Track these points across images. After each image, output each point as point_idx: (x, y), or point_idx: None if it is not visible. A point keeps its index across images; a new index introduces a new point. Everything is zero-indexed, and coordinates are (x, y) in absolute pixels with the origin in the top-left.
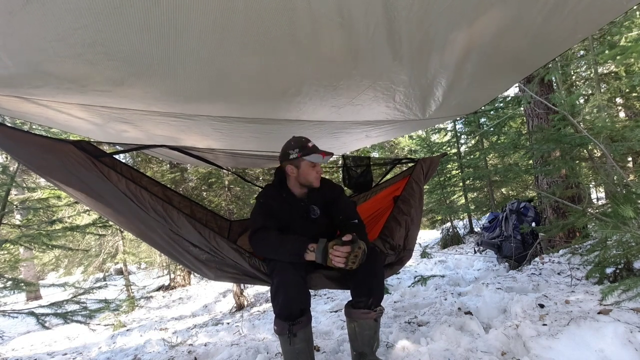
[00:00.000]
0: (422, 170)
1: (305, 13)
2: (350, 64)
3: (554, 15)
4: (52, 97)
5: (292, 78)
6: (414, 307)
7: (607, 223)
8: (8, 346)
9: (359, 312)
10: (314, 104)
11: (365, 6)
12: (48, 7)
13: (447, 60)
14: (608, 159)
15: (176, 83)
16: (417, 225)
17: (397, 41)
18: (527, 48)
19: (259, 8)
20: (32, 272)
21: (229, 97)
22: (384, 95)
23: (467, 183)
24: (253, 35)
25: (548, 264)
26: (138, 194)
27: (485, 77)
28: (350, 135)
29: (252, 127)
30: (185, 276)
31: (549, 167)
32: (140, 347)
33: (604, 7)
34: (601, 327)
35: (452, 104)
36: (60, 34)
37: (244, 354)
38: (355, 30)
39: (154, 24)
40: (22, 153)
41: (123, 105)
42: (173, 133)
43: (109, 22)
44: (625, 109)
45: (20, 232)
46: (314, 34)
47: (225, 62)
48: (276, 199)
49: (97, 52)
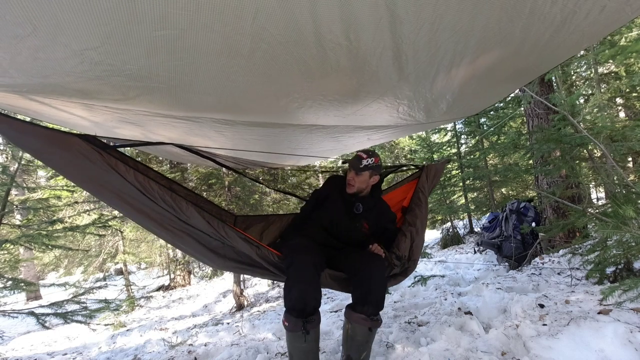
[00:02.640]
0: (426, 179)
1: (312, 36)
2: (356, 83)
3: (561, 31)
4: (56, 98)
5: (297, 94)
6: (414, 307)
7: (607, 223)
8: (8, 346)
9: (356, 316)
10: (317, 114)
11: (373, 32)
12: (56, 34)
13: (452, 80)
14: (608, 159)
15: (181, 98)
16: (421, 236)
17: (404, 63)
18: (533, 62)
19: (265, 31)
20: (32, 272)
21: (235, 107)
22: (388, 107)
23: (467, 183)
24: (260, 57)
25: (548, 264)
26: (146, 184)
27: (489, 88)
28: (353, 138)
29: (255, 130)
30: (185, 276)
31: (549, 167)
32: (140, 347)
33: (608, 20)
34: (601, 327)
35: (455, 110)
36: (67, 54)
37: (244, 354)
38: (361, 53)
39: (161, 46)
40: (30, 144)
41: (126, 107)
42: (176, 134)
43: (117, 43)
44: (625, 109)
45: (20, 232)
46: (320, 56)
47: (232, 81)
48: (337, 187)
49: (104, 69)
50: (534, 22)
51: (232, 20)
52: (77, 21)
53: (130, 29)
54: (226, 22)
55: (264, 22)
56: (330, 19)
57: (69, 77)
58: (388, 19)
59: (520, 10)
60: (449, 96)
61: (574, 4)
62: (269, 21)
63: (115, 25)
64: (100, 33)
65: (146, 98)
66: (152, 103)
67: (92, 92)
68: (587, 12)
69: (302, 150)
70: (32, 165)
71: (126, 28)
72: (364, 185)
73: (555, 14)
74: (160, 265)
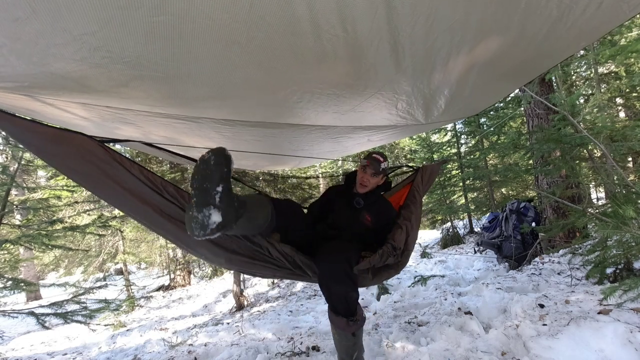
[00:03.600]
0: (421, 180)
1: (308, 27)
2: (353, 76)
3: (558, 26)
4: (58, 96)
5: (295, 87)
6: (414, 307)
7: (607, 223)
8: (8, 346)
9: (337, 320)
10: (317, 110)
11: (369, 23)
12: (54, 17)
13: (450, 73)
14: (608, 159)
15: (180, 87)
16: (415, 233)
17: (401, 55)
18: (530, 58)
19: (262, 19)
20: (32, 272)
21: (233, 101)
22: (387, 104)
23: (467, 183)
24: (257, 46)
25: (548, 264)
26: (151, 177)
27: (488, 85)
28: (353, 140)
29: (254, 131)
30: (185, 276)
31: (549, 167)
32: (140, 347)
33: (605, 17)
34: (601, 327)
35: (454, 109)
36: (66, 39)
37: (244, 354)
38: (358, 44)
39: (159, 32)
40: (34, 143)
41: (126, 106)
42: (175, 134)
43: (116, 29)
44: (625, 109)
45: (20, 232)
46: (317, 47)
47: (229, 71)
48: (339, 189)
49: (102, 56)
50: (529, 15)
51: (229, 8)
52: (76, 5)
53: (128, 14)
54: (224, 8)
55: (261, 11)
56: (327, 10)
57: (68, 64)
58: (385, 10)
59: (516, 4)
60: (447, 92)
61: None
62: (265, 10)
63: (114, 9)
64: (98, 17)
65: (145, 90)
66: (151, 97)
67: (92, 84)
68: (583, 8)
69: (302, 152)
70: (32, 165)
71: (124, 13)
72: (375, 186)
73: (552, 8)
74: (160, 265)
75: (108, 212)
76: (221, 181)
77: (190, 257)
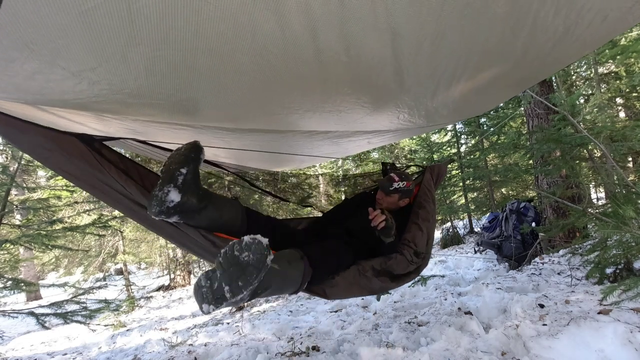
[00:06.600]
0: (431, 177)
1: (312, 54)
2: (355, 95)
3: (563, 41)
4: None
5: (298, 107)
6: (414, 307)
7: (607, 223)
8: (8, 346)
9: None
10: (318, 122)
11: (374, 49)
12: (53, 56)
13: (453, 91)
14: (608, 159)
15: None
16: (434, 232)
17: (405, 77)
18: (535, 70)
19: (265, 49)
20: (32, 272)
21: (235, 120)
22: (389, 115)
23: (467, 183)
24: (260, 73)
25: (548, 264)
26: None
27: (492, 94)
28: (353, 142)
29: (256, 136)
30: (185, 276)
31: (549, 167)
32: (140, 347)
33: (610, 28)
34: (601, 327)
35: (455, 114)
36: (65, 75)
37: (244, 354)
38: (362, 68)
39: (159, 66)
40: (26, 143)
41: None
42: (175, 139)
43: (116, 64)
44: (625, 109)
45: (20, 232)
46: (319, 71)
47: (232, 95)
48: (366, 197)
49: (102, 88)
50: (536, 34)
51: (231, 40)
52: (75, 45)
53: (129, 50)
54: (226, 41)
55: (263, 41)
56: (331, 38)
57: (67, 95)
58: (389, 36)
59: (523, 23)
60: (451, 104)
61: (576, 15)
62: (267, 39)
63: (114, 47)
64: (98, 55)
65: (145, 112)
66: (151, 115)
67: (92, 106)
68: (589, 22)
69: (302, 153)
70: (32, 165)
71: (125, 49)
72: (393, 206)
73: (558, 25)
74: (160, 265)
75: (108, 212)
76: (186, 164)
77: (190, 257)
